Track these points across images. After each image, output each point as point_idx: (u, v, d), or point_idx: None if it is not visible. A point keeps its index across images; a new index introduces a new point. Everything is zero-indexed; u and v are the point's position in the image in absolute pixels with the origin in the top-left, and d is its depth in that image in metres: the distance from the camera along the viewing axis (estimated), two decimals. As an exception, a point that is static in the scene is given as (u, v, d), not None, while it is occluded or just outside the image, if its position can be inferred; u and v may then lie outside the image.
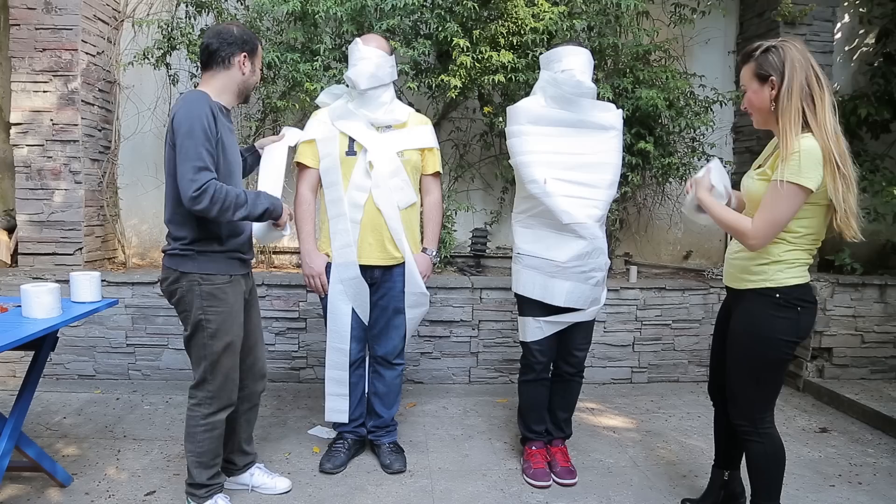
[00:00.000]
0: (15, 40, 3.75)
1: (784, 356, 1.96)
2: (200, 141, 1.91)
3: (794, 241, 1.91)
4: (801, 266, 1.94)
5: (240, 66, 2.08)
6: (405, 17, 3.58)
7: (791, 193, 1.78)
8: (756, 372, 1.98)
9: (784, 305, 1.93)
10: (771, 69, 1.84)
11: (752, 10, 4.48)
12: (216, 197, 1.91)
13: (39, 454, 2.31)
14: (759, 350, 1.97)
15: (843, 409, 3.54)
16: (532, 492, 2.51)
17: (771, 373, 1.98)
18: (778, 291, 1.93)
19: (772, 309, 1.94)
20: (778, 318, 1.93)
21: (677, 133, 4.00)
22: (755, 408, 2.01)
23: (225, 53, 2.05)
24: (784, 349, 1.95)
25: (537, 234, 2.49)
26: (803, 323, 1.95)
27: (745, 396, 2.02)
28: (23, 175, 3.80)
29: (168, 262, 2.10)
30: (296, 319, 3.72)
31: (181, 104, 1.97)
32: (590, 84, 2.44)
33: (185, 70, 3.94)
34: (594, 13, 3.74)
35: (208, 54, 2.07)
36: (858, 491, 2.59)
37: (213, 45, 2.05)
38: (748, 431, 2.03)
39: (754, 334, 1.97)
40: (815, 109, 1.79)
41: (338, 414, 2.66)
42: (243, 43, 2.07)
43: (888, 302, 3.90)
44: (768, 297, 1.94)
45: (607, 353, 3.92)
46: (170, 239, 2.09)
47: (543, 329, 2.51)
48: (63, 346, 3.63)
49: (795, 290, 1.92)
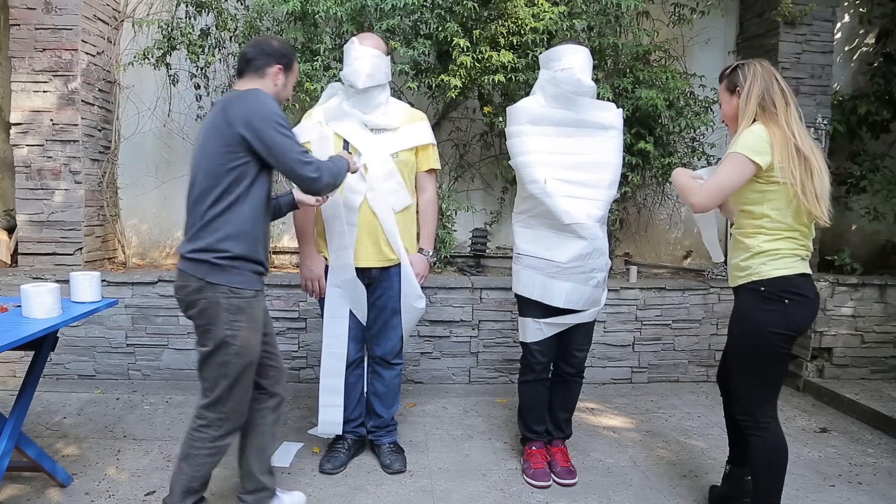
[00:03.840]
0: (15, 40, 3.75)
1: (776, 349, 2.01)
2: (287, 130, 1.92)
3: (770, 229, 1.99)
4: (787, 258, 2.00)
5: (273, 78, 2.06)
6: (405, 17, 3.58)
7: (735, 162, 1.95)
8: (751, 366, 2.04)
9: (769, 298, 1.99)
10: (738, 81, 2.07)
11: (751, 10, 4.48)
12: (327, 169, 1.97)
13: (39, 454, 2.31)
14: (749, 343, 2.03)
15: (843, 409, 3.54)
16: (532, 492, 2.51)
17: (765, 366, 2.03)
18: (763, 284, 2.00)
19: (758, 302, 2.01)
20: (763, 310, 2.00)
21: (677, 133, 4.00)
22: (754, 402, 2.05)
23: (261, 63, 2.03)
24: (775, 342, 1.99)
25: (538, 234, 2.49)
26: (794, 316, 1.99)
27: (744, 390, 2.07)
28: (23, 175, 3.80)
29: (190, 268, 1.92)
30: (296, 319, 3.72)
31: (249, 102, 1.90)
32: (589, 83, 2.44)
33: (184, 70, 3.94)
34: (594, 13, 3.74)
35: (245, 62, 2.05)
36: (858, 491, 2.59)
37: (249, 54, 2.04)
38: (749, 426, 2.07)
39: (743, 328, 2.05)
40: (776, 113, 1.98)
41: (332, 426, 2.63)
42: (280, 56, 2.06)
43: (888, 302, 3.90)
44: (754, 290, 2.01)
45: (607, 353, 3.92)
46: (198, 244, 1.91)
47: (544, 330, 2.51)
48: (63, 346, 3.63)
49: (781, 282, 1.98)
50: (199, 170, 1.94)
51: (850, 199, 4.47)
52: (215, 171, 1.89)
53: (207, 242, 1.90)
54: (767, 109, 1.99)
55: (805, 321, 2.03)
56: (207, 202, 1.90)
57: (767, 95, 1.99)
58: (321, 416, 2.64)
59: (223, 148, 1.89)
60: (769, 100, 1.99)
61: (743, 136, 1.97)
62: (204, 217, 1.90)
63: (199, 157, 1.95)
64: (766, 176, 1.96)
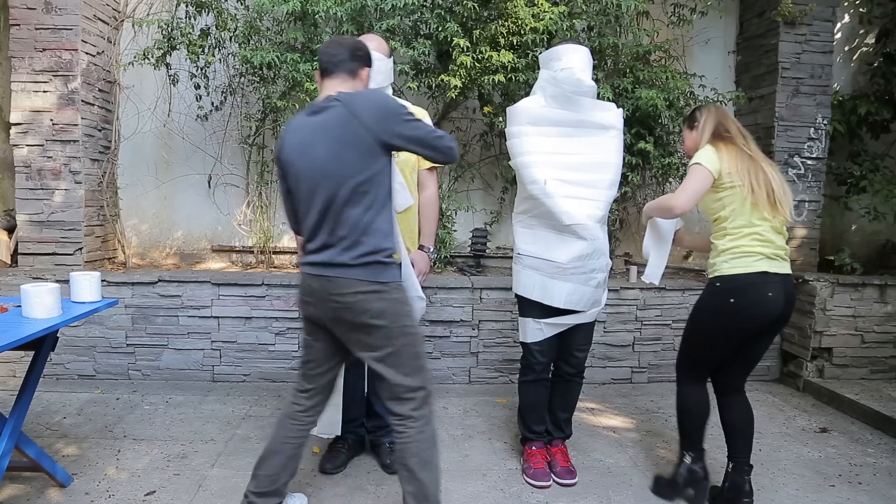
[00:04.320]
0: (15, 40, 3.75)
1: (705, 331, 2.33)
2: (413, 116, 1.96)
3: (732, 229, 2.25)
4: (748, 256, 2.22)
5: (364, 80, 2.10)
6: (405, 17, 3.58)
7: (695, 171, 2.25)
8: (686, 339, 2.43)
9: (718, 292, 2.26)
10: (696, 118, 2.42)
11: (751, 10, 4.48)
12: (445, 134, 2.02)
13: (39, 454, 2.30)
14: (691, 323, 2.39)
15: (843, 409, 3.54)
16: (532, 492, 2.51)
17: (691, 340, 2.40)
18: (719, 280, 2.27)
19: (711, 294, 2.30)
20: (708, 298, 2.32)
21: (677, 133, 4.00)
22: (679, 364, 2.45)
23: (354, 66, 2.05)
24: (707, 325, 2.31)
25: (538, 234, 2.49)
26: (738, 313, 2.22)
27: (679, 353, 2.46)
28: (23, 175, 3.80)
29: (361, 273, 1.91)
30: (296, 319, 3.72)
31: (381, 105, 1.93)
32: (589, 82, 2.44)
33: (184, 70, 3.94)
34: (594, 13, 3.74)
35: (336, 63, 2.03)
36: (858, 491, 2.59)
37: (341, 56, 2.04)
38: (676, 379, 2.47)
39: (693, 309, 2.40)
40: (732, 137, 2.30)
41: (331, 427, 2.63)
42: (369, 59, 2.11)
43: (888, 302, 3.90)
44: (713, 284, 2.30)
45: (607, 353, 3.92)
46: (362, 249, 1.91)
47: (544, 331, 2.51)
48: (63, 346, 3.63)
49: (735, 280, 2.22)
50: (330, 177, 1.90)
51: (850, 199, 4.47)
52: (360, 178, 1.89)
53: (373, 245, 1.92)
54: (723, 136, 2.30)
55: (755, 321, 2.23)
56: (360, 207, 1.90)
57: (721, 126, 2.32)
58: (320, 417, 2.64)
59: (366, 154, 1.90)
60: (723, 127, 2.32)
61: (695, 155, 2.30)
62: (362, 222, 1.91)
63: (328, 166, 1.90)
64: (719, 183, 2.24)
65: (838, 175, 4.44)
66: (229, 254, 4.45)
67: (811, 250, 4.28)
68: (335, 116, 1.91)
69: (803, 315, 3.91)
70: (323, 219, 1.92)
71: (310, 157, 1.92)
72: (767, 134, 4.25)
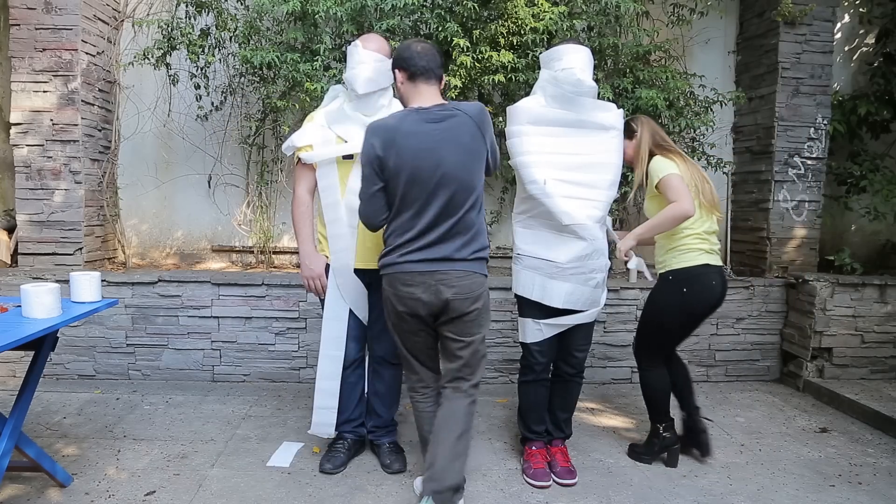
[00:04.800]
0: (15, 40, 3.75)
1: (664, 320, 2.67)
2: None
3: (679, 229, 2.58)
4: (691, 252, 2.60)
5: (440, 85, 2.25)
6: (405, 17, 3.58)
7: (673, 180, 2.52)
8: (643, 328, 2.77)
9: (671, 283, 2.63)
10: (634, 128, 2.71)
11: (751, 10, 4.47)
12: None
13: (39, 454, 2.30)
14: (647, 313, 2.73)
15: (843, 409, 3.54)
16: (532, 492, 2.51)
17: (651, 330, 2.72)
18: (671, 274, 2.64)
19: (664, 286, 2.67)
20: (661, 290, 2.68)
21: (677, 133, 3.99)
22: (640, 350, 2.79)
23: (441, 73, 2.22)
24: (665, 314, 2.66)
25: (537, 234, 2.49)
26: (690, 300, 2.60)
27: (637, 340, 2.81)
28: (23, 175, 3.80)
29: (476, 267, 2.18)
30: (296, 319, 3.72)
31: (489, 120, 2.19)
32: (590, 83, 2.44)
33: (184, 70, 3.94)
34: (594, 13, 3.74)
35: (438, 68, 2.19)
36: (858, 491, 2.59)
37: (439, 62, 2.20)
38: (637, 365, 2.82)
39: (648, 301, 2.75)
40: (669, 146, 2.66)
41: (324, 428, 2.65)
42: None
43: (888, 302, 3.90)
44: (665, 278, 2.66)
45: (607, 353, 3.92)
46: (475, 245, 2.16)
47: (543, 331, 2.51)
48: (63, 346, 3.63)
49: (684, 272, 2.60)
50: (455, 182, 2.08)
51: (850, 199, 4.47)
52: (474, 183, 2.13)
53: (481, 243, 2.19)
54: (661, 145, 2.64)
55: (702, 306, 2.65)
56: (475, 209, 2.16)
57: (657, 135, 2.67)
58: (315, 418, 2.65)
59: (480, 161, 2.15)
60: (659, 136, 2.67)
61: (656, 167, 2.57)
62: (476, 223, 2.17)
63: (457, 173, 2.08)
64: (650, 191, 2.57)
65: (838, 175, 4.44)
66: (229, 254, 4.45)
67: (811, 250, 4.28)
68: (460, 125, 2.09)
69: (803, 315, 3.91)
70: (441, 219, 2.09)
71: (433, 162, 2.05)
72: (767, 134, 4.25)
